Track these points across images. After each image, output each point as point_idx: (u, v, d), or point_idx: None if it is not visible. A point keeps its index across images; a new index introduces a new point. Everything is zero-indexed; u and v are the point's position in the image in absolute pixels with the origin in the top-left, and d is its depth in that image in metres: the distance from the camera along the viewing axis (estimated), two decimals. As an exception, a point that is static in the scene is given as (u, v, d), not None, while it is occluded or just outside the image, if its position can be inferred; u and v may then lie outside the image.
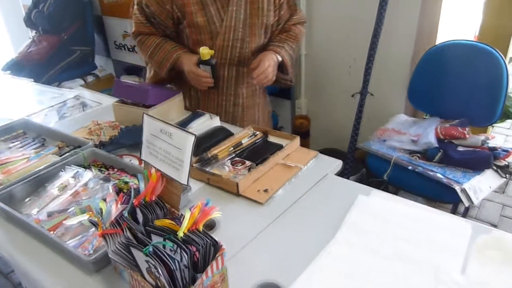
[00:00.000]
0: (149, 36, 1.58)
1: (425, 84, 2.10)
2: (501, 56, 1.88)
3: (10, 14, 4.17)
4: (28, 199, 1.10)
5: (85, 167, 1.20)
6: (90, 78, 3.67)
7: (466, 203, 1.69)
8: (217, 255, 0.71)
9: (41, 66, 3.12)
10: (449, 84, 2.03)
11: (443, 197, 1.80)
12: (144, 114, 0.84)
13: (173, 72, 1.60)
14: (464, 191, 1.69)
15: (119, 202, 0.79)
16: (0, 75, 2.29)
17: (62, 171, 1.17)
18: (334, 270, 0.86)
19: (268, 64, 1.48)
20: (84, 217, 0.89)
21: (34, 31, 3.31)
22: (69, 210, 1.04)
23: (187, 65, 1.50)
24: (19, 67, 3.08)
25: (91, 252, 0.92)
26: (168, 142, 0.78)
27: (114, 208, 0.77)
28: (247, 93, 1.70)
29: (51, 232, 0.97)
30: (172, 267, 0.66)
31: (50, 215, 1.03)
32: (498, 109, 1.90)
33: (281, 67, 1.61)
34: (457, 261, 0.84)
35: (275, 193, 1.12)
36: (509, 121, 3.21)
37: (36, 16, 3.17)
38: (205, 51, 1.44)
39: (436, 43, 2.24)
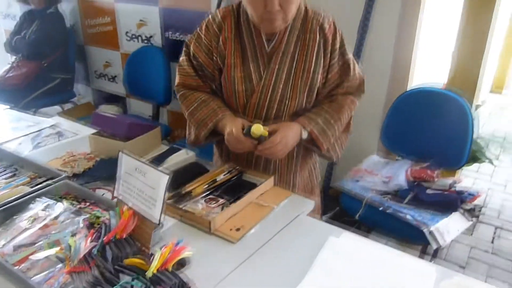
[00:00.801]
0: (195, 91, 1.44)
1: (398, 127, 2.19)
2: (466, 104, 1.99)
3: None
4: (-5, 230, 1.08)
5: (56, 200, 1.18)
6: (68, 106, 3.65)
7: (434, 245, 1.73)
8: (185, 296, 0.72)
9: (19, 91, 3.10)
10: (420, 128, 2.12)
11: (413, 238, 1.84)
12: (120, 152, 0.85)
13: (210, 137, 1.44)
14: (432, 233, 1.73)
15: (89, 238, 0.79)
16: (-25, 99, 2.26)
17: (33, 203, 1.16)
18: (302, 313, 0.87)
19: (280, 140, 1.27)
20: (52, 252, 0.88)
21: (15, 57, 3.30)
22: (37, 244, 1.02)
23: (233, 129, 1.30)
24: (-4, 91, 3.06)
25: (57, 289, 0.90)
26: (142, 181, 0.80)
27: (83, 245, 0.77)
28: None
29: (16, 267, 0.95)
30: (139, 308, 0.66)
31: (16, 249, 1.00)
32: (465, 153, 1.98)
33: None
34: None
35: (248, 232, 1.13)
36: (477, 164, 3.34)
37: (17, 42, 3.17)
38: (257, 131, 1.26)
39: (410, 86, 2.36)
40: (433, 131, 2.09)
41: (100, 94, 3.64)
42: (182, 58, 1.46)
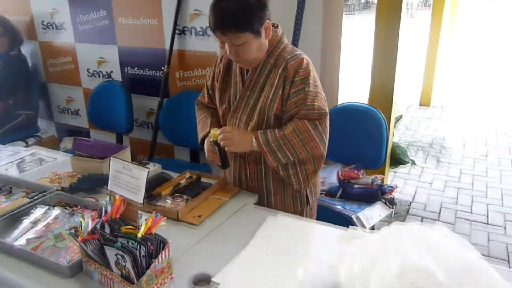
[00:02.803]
0: (203, 108, 1.81)
1: (329, 137, 2.61)
2: (382, 115, 2.45)
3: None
4: (6, 232, 1.37)
5: (52, 206, 1.49)
6: (31, 141, 3.85)
7: (360, 228, 2.14)
8: (165, 247, 1.06)
9: (-15, 129, 3.29)
10: (347, 137, 2.55)
11: (344, 225, 2.23)
12: (111, 157, 1.19)
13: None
14: (358, 218, 2.15)
15: (94, 218, 1.12)
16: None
17: (33, 210, 1.46)
18: (248, 263, 1.23)
19: (229, 130, 1.55)
20: (58, 241, 1.19)
21: (-21, 97, 3.49)
22: (44, 237, 1.32)
23: (206, 140, 1.67)
24: (-38, 129, 3.24)
25: (66, 264, 1.21)
26: (129, 175, 1.14)
27: (90, 222, 1.10)
28: (269, 176, 1.68)
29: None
30: (135, 253, 1.00)
31: (28, 241, 1.30)
32: (382, 156, 2.43)
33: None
34: (329, 249, 1.24)
35: (206, 218, 1.49)
36: (406, 166, 3.86)
37: (-18, 83, 3.38)
38: (214, 132, 1.56)
39: (338, 103, 2.81)
40: (358, 139, 2.52)
41: (64, 127, 3.87)
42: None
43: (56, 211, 1.44)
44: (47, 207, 1.46)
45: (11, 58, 3.43)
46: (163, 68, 2.94)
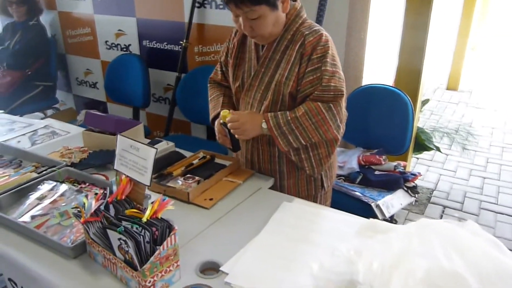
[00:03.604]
0: (216, 86, 1.72)
1: (351, 119, 2.49)
2: (408, 99, 2.32)
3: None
4: (12, 206, 1.33)
5: (60, 182, 1.44)
6: (49, 112, 3.85)
7: (380, 216, 2.05)
8: (171, 233, 0.99)
9: (3, 99, 3.28)
10: (370, 120, 2.44)
11: (362, 212, 2.13)
12: (118, 135, 1.12)
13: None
14: (378, 206, 2.05)
15: (98, 199, 1.06)
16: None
17: (41, 185, 1.41)
18: (259, 252, 1.16)
19: (238, 118, 1.45)
20: (63, 219, 1.14)
21: (-1, 66, 3.48)
22: (49, 214, 1.27)
23: (216, 122, 1.58)
24: (-20, 99, 3.24)
25: (70, 244, 1.16)
26: (136, 154, 1.07)
27: (93, 203, 1.04)
28: (283, 159, 1.60)
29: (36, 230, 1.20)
30: (138, 239, 0.93)
31: (33, 218, 1.26)
32: (406, 141, 2.30)
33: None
34: (347, 241, 1.16)
35: (218, 201, 1.42)
36: (430, 152, 3.71)
37: (1, 52, 3.36)
38: (225, 114, 1.48)
39: (362, 84, 2.67)
40: (381, 122, 2.40)
41: (81, 100, 3.85)
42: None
43: (63, 188, 1.39)
44: (54, 183, 1.41)
45: (30, 28, 3.40)
46: (181, 42, 2.85)
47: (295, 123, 1.44)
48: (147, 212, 1.00)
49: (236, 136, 1.48)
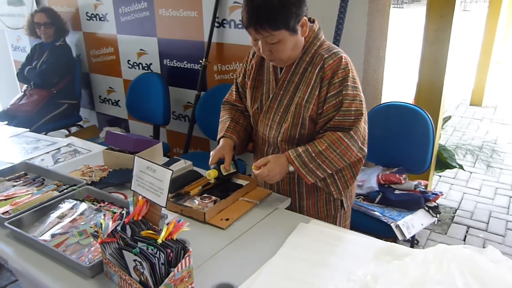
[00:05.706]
0: (227, 109, 1.74)
1: (370, 137, 2.46)
2: (428, 116, 2.28)
3: (0, 69, 4.50)
4: (34, 225, 1.36)
5: (80, 201, 1.47)
6: (74, 129, 3.95)
7: (400, 237, 2.00)
8: (185, 256, 0.99)
9: (30, 117, 3.39)
10: (390, 138, 2.41)
11: (382, 233, 2.11)
12: (136, 156, 1.14)
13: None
14: (398, 227, 2.01)
15: (115, 219, 1.07)
16: (-1, 125, 2.55)
17: (62, 204, 1.44)
18: (274, 275, 1.15)
19: (268, 172, 1.44)
20: (82, 238, 1.16)
21: (26, 85, 3.61)
22: (68, 233, 1.30)
23: (212, 153, 1.60)
24: (9, 117, 3.34)
25: (87, 264, 1.17)
26: (152, 175, 1.09)
27: (110, 223, 1.06)
28: (302, 179, 1.55)
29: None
30: (153, 261, 0.94)
31: (53, 236, 1.28)
32: (427, 160, 2.26)
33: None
34: (363, 265, 1.14)
35: (235, 221, 1.42)
36: (453, 170, 3.63)
37: (29, 72, 3.49)
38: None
39: (381, 102, 2.65)
40: (401, 141, 2.37)
41: (104, 117, 3.94)
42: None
43: (83, 207, 1.42)
44: (74, 201, 1.44)
45: (57, 48, 3.52)
46: (201, 61, 2.90)
47: (321, 158, 1.44)
48: (162, 233, 1.01)
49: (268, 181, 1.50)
